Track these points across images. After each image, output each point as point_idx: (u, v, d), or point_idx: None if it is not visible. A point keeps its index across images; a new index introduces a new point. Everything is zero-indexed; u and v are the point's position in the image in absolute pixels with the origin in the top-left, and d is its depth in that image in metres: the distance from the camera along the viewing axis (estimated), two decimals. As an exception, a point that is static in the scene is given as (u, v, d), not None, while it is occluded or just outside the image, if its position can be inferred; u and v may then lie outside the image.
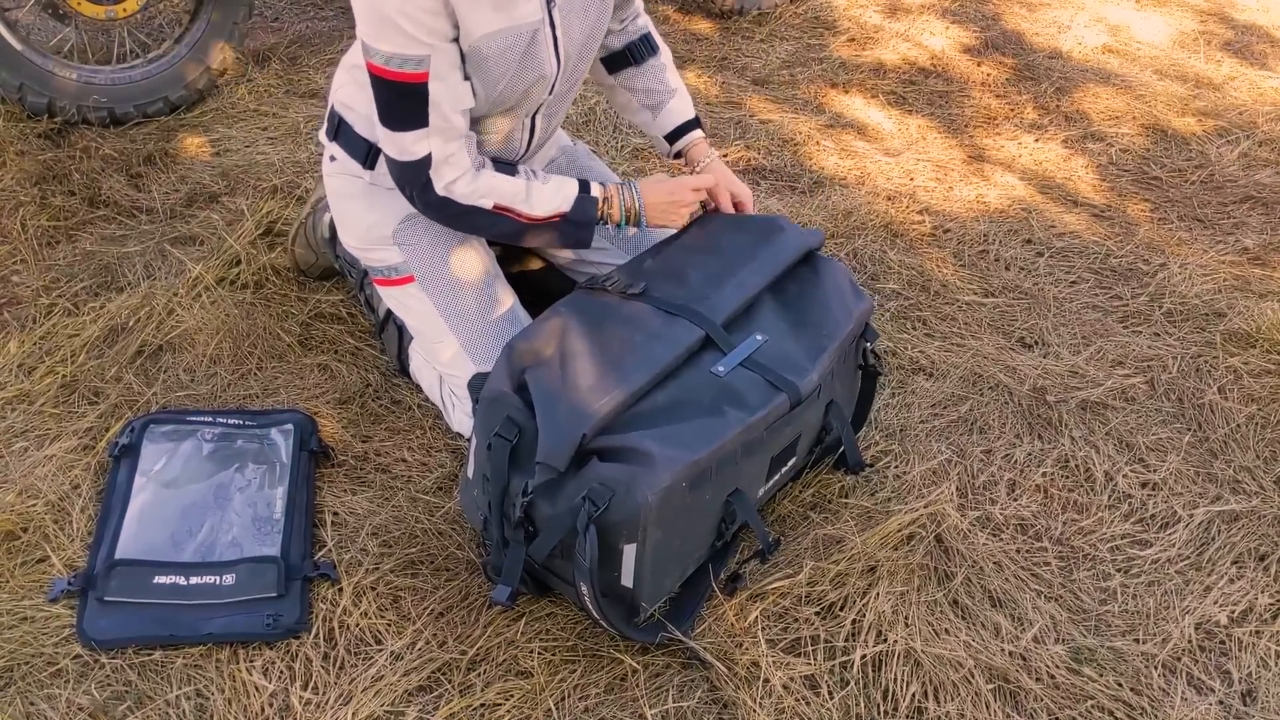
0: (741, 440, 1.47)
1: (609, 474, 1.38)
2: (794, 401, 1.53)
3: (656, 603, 1.53)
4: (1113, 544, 1.76)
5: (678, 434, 1.42)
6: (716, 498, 1.50)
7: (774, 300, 1.69)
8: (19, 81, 2.43)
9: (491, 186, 1.63)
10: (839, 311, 1.68)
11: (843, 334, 1.65)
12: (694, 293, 1.63)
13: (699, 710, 1.46)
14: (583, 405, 1.41)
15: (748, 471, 1.53)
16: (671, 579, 1.54)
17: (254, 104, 2.72)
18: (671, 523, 1.43)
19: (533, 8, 1.56)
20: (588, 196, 1.69)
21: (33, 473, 1.69)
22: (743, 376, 1.54)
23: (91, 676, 1.43)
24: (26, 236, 2.21)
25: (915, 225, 2.51)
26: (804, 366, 1.57)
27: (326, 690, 1.44)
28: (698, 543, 1.54)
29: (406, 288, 1.78)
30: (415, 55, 1.49)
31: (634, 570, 1.42)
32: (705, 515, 1.51)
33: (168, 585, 1.52)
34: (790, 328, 1.64)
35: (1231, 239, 2.59)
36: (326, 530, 1.65)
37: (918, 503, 1.76)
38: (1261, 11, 3.94)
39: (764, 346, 1.59)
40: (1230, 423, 2.02)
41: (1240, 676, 1.57)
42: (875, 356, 1.79)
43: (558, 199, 1.67)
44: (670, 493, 1.39)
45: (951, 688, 1.49)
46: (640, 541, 1.39)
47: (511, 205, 1.64)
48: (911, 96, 3.11)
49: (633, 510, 1.36)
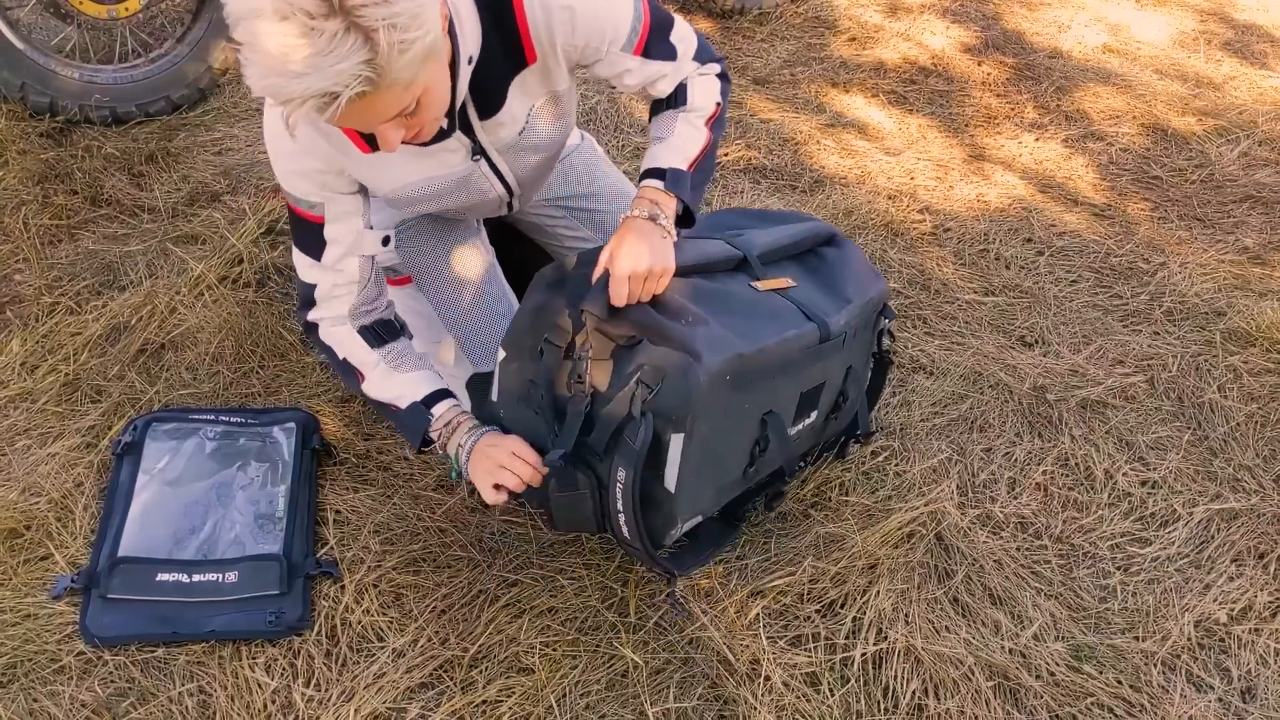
0: (780, 353, 1.49)
1: (660, 358, 1.38)
2: (823, 336, 1.56)
3: (692, 517, 1.52)
4: (1112, 542, 1.77)
5: (723, 324, 1.44)
6: (755, 410, 1.51)
7: (800, 264, 1.71)
8: (21, 81, 2.43)
9: (348, 344, 1.60)
10: (863, 278, 1.71)
11: (865, 298, 1.68)
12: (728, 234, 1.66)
13: (700, 707, 1.46)
14: None
15: (782, 394, 1.55)
16: (708, 496, 1.53)
17: (255, 103, 2.72)
18: (716, 419, 1.43)
19: (457, 159, 1.52)
20: (424, 411, 1.58)
21: (35, 471, 1.70)
22: (777, 301, 1.56)
23: (94, 673, 1.43)
24: (29, 235, 2.21)
25: (916, 224, 2.52)
26: (834, 309, 1.61)
27: (329, 687, 1.44)
28: (734, 457, 1.54)
29: (404, 288, 1.78)
30: (308, 200, 1.48)
31: (678, 469, 1.41)
32: (744, 425, 1.51)
33: (170, 583, 1.53)
34: (818, 284, 1.67)
35: (1231, 238, 2.60)
36: (328, 528, 1.66)
37: (918, 501, 1.77)
38: (1261, 11, 3.94)
39: (795, 289, 1.62)
40: (1230, 421, 2.03)
41: (1239, 674, 1.58)
42: (891, 337, 1.81)
43: (400, 390, 1.59)
44: (717, 382, 1.39)
45: (952, 685, 1.50)
46: (688, 433, 1.39)
47: (360, 369, 1.60)
48: (912, 96, 3.12)
49: (684, 393, 1.36)
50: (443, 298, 1.75)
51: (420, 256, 1.75)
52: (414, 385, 1.59)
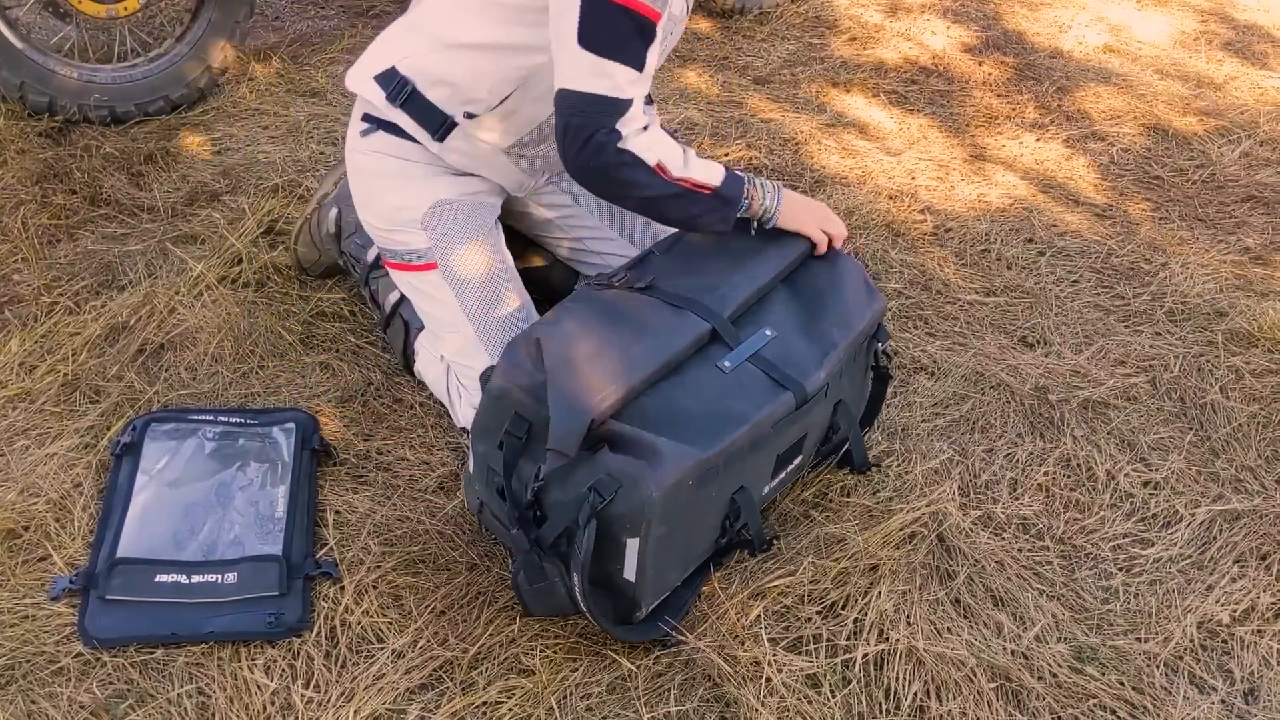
0: (749, 437, 1.47)
1: (618, 466, 1.38)
2: (800, 400, 1.53)
3: (657, 599, 1.52)
4: (1115, 543, 1.76)
5: (686, 430, 1.42)
6: (722, 494, 1.50)
7: (786, 293, 1.67)
8: (20, 80, 2.42)
9: (658, 141, 1.56)
10: (852, 308, 1.67)
11: (854, 332, 1.65)
12: (702, 284, 1.61)
13: (701, 709, 1.45)
14: (591, 391, 1.41)
15: (754, 468, 1.53)
16: (675, 574, 1.54)
17: (255, 103, 2.72)
18: (676, 519, 1.43)
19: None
20: (736, 175, 1.63)
21: (34, 471, 1.69)
22: (749, 373, 1.53)
23: (93, 675, 1.43)
24: (27, 235, 2.21)
25: (917, 224, 2.51)
26: (812, 365, 1.57)
27: (328, 688, 1.44)
28: (702, 538, 1.54)
29: (427, 274, 1.76)
30: None
31: (636, 564, 1.42)
32: (710, 511, 1.51)
33: (169, 584, 1.52)
34: (801, 323, 1.63)
35: (1233, 238, 2.59)
36: (328, 529, 1.65)
37: (920, 501, 1.76)
38: (1262, 11, 3.94)
39: (772, 343, 1.58)
40: (1232, 422, 2.02)
41: (1242, 675, 1.57)
42: (887, 358, 1.78)
43: (710, 171, 1.61)
44: (677, 489, 1.39)
45: (953, 686, 1.49)
46: (643, 537, 1.39)
47: (670, 166, 1.56)
48: (913, 96, 3.11)
49: (638, 504, 1.36)
50: (463, 287, 1.75)
51: (447, 244, 1.74)
52: (712, 162, 1.63)
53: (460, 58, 1.66)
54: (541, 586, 1.46)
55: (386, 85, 1.71)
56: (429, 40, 1.69)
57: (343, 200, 2.02)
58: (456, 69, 1.66)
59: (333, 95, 2.79)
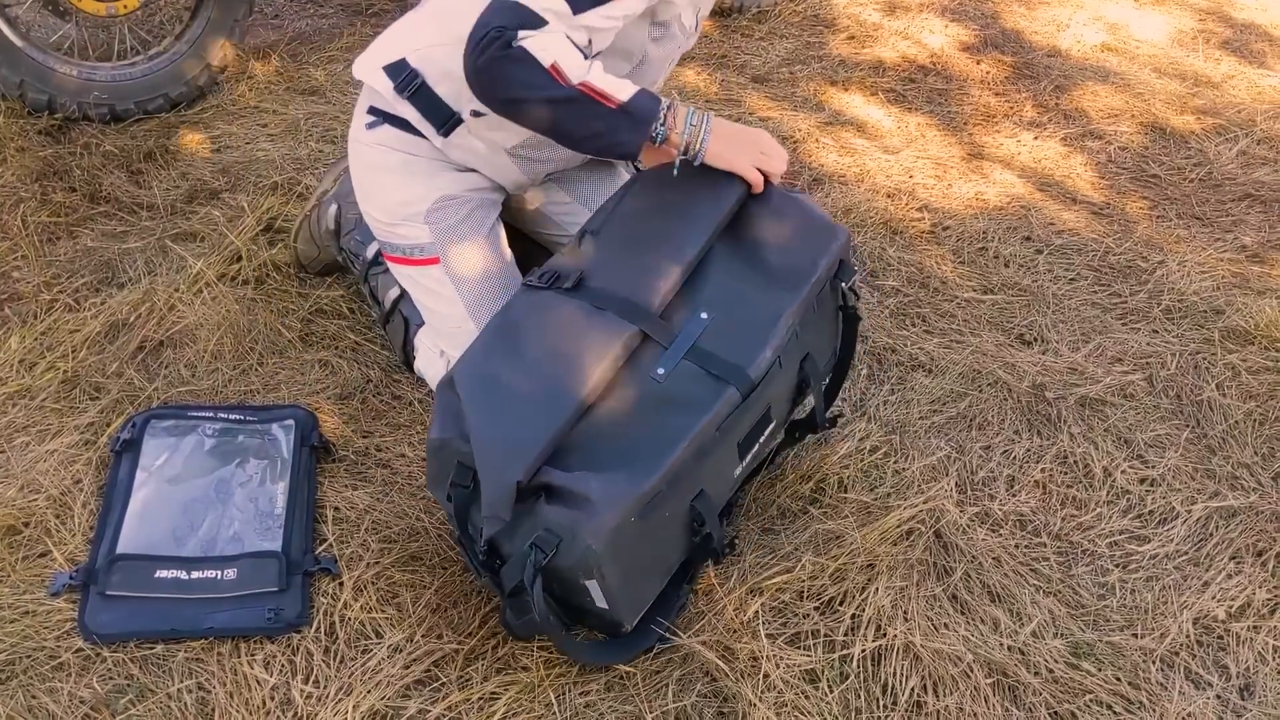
0: (693, 449, 1.40)
1: (554, 518, 1.34)
2: (745, 391, 1.45)
3: (638, 614, 1.49)
4: (1111, 539, 1.77)
5: (620, 462, 1.36)
6: (678, 509, 1.44)
7: (726, 250, 1.54)
8: (19, 78, 2.43)
9: (559, 44, 1.44)
10: (804, 255, 1.54)
11: (809, 282, 1.53)
12: (633, 271, 1.51)
13: (699, 704, 1.46)
14: (515, 448, 1.35)
15: (711, 468, 1.47)
16: (651, 588, 1.49)
17: (254, 101, 2.72)
18: (630, 552, 1.38)
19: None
20: (653, 95, 1.52)
21: (34, 468, 1.70)
22: (687, 373, 1.44)
23: (93, 670, 1.43)
24: (27, 232, 2.21)
25: (914, 222, 2.52)
26: (755, 343, 1.46)
27: (328, 683, 1.44)
28: (668, 553, 1.50)
29: (428, 269, 1.76)
30: None
31: (604, 597, 1.40)
32: (670, 528, 1.46)
33: (169, 580, 1.53)
34: (741, 291, 1.51)
35: (1230, 236, 2.60)
36: (327, 525, 1.66)
37: (917, 498, 1.77)
38: (1260, 10, 3.95)
39: (709, 328, 1.47)
40: (1228, 419, 2.03)
41: (1238, 671, 1.58)
42: (855, 295, 1.64)
43: (619, 85, 1.49)
44: (619, 531, 1.34)
45: (951, 682, 1.50)
46: (600, 577, 1.37)
47: (566, 69, 1.44)
48: (911, 94, 3.12)
49: (580, 556, 1.34)
50: (465, 283, 1.75)
51: (450, 239, 1.75)
52: (624, 82, 1.50)
53: None
54: (527, 621, 1.43)
55: (395, 76, 1.69)
56: (442, 33, 1.65)
57: (342, 197, 2.02)
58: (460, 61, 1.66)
59: (331, 93, 2.79)
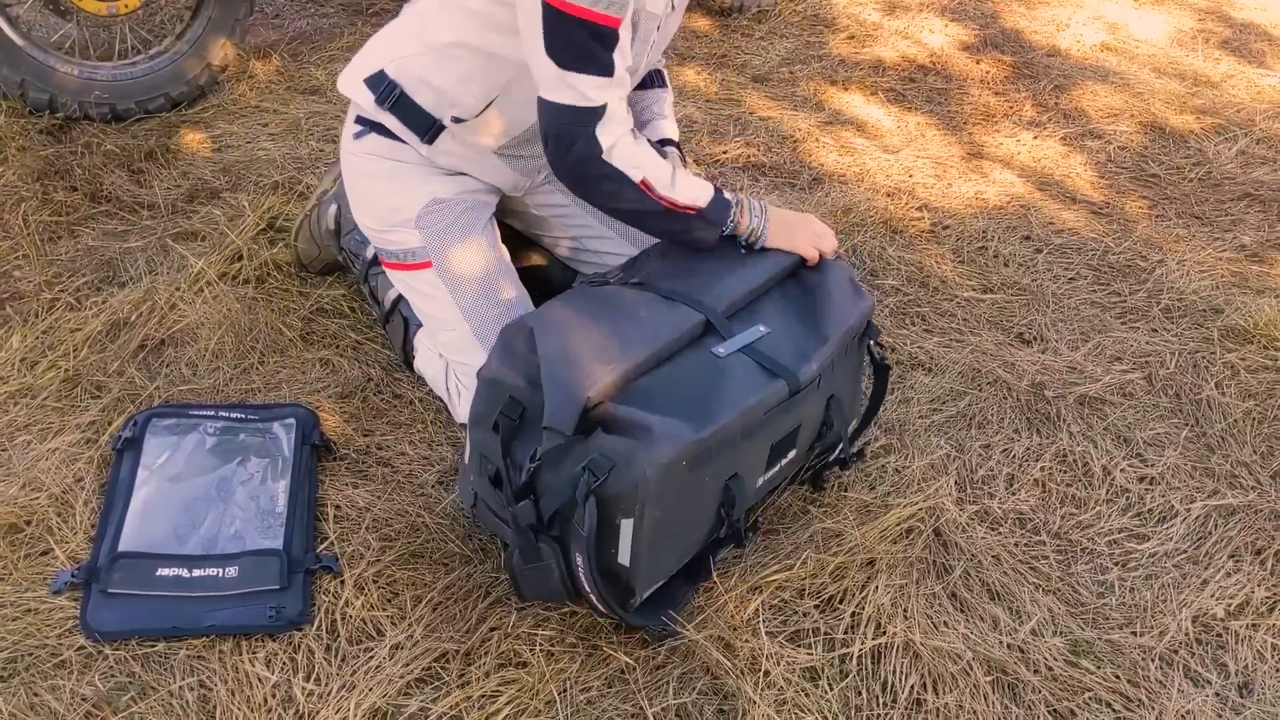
0: (742, 423, 1.48)
1: (611, 446, 1.39)
2: (793, 389, 1.54)
3: (652, 586, 1.53)
4: (1110, 538, 1.77)
5: (680, 411, 1.43)
6: (716, 480, 1.50)
7: (779, 294, 1.69)
8: (20, 77, 2.43)
9: (645, 158, 1.58)
10: (842, 307, 1.68)
11: (845, 328, 1.66)
12: (696, 283, 1.64)
13: (699, 701, 1.46)
14: (586, 375, 1.42)
15: (747, 456, 1.53)
16: (670, 562, 1.54)
17: (255, 100, 2.73)
18: (671, 501, 1.43)
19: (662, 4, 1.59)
20: (723, 197, 1.66)
21: (36, 466, 1.70)
22: (742, 361, 1.54)
23: (95, 668, 1.43)
24: (28, 232, 2.21)
25: (914, 222, 2.52)
26: (805, 357, 1.58)
27: (329, 681, 1.44)
28: (696, 526, 1.54)
29: (421, 273, 1.77)
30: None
31: (631, 547, 1.42)
32: (704, 498, 1.51)
33: (171, 578, 1.53)
34: (793, 322, 1.65)
35: (1229, 236, 2.60)
36: (329, 523, 1.66)
37: (917, 497, 1.77)
38: (1259, 10, 3.95)
39: (765, 338, 1.59)
40: (1227, 418, 2.04)
41: (1237, 669, 1.58)
42: (882, 349, 1.79)
43: (696, 192, 1.63)
44: (670, 469, 1.39)
45: (950, 679, 1.50)
46: (638, 518, 1.40)
47: (655, 184, 1.58)
48: (910, 94, 3.12)
49: (631, 484, 1.37)
50: (458, 285, 1.75)
51: (441, 242, 1.75)
52: (699, 181, 1.65)
53: (445, 62, 1.67)
54: (536, 568, 1.46)
55: (375, 88, 1.73)
56: (417, 43, 1.70)
57: (342, 197, 2.02)
58: (441, 73, 1.68)
59: (332, 93, 2.79)
